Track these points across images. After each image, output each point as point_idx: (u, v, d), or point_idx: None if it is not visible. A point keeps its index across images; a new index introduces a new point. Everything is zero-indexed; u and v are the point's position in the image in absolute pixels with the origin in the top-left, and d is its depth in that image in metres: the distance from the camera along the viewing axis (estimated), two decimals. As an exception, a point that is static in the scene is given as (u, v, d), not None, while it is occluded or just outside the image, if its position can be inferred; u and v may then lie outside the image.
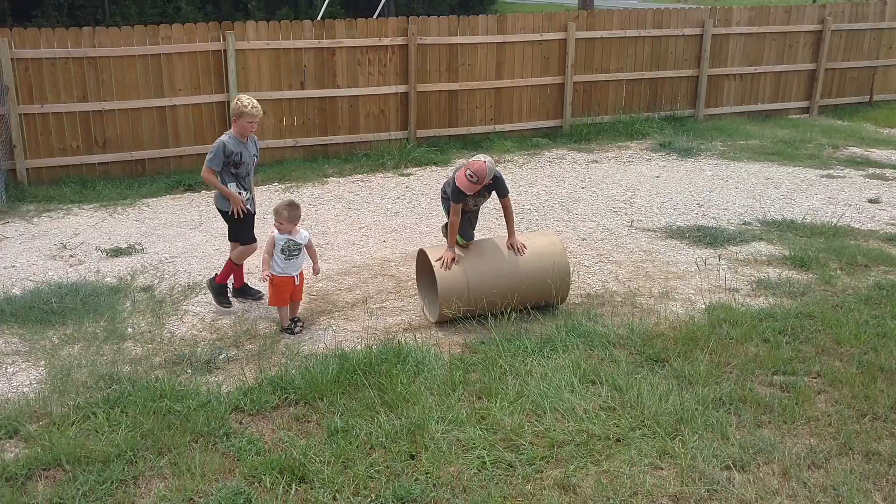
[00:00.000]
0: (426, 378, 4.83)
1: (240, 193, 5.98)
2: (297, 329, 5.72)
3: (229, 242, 6.29)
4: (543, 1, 53.27)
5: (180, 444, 4.20)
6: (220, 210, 6.12)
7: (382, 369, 4.90)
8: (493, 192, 5.92)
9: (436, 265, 5.69)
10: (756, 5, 13.29)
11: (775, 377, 4.90)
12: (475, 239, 6.14)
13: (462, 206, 5.87)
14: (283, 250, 5.62)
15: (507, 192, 5.95)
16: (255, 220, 6.28)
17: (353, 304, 6.28)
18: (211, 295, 6.18)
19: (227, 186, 5.95)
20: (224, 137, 5.94)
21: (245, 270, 6.38)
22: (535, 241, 6.02)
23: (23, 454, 4.15)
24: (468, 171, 5.64)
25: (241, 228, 6.11)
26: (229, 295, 6.21)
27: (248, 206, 6.06)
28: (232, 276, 6.24)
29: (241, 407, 4.60)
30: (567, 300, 6.09)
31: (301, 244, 5.69)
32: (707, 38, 12.74)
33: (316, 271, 5.92)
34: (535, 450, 4.14)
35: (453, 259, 5.72)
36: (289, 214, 5.61)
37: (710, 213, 8.49)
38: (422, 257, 6.10)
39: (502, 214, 6.07)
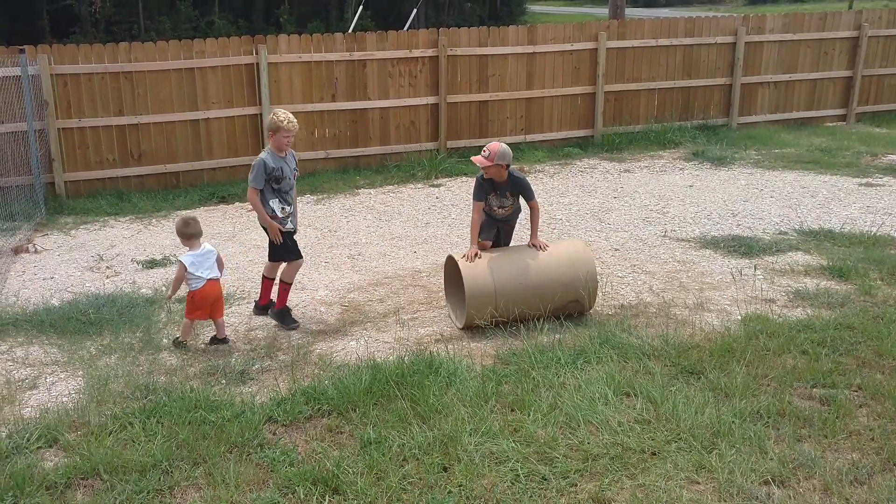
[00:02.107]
0: (458, 389, 4.81)
1: (283, 209, 5.94)
2: (213, 346, 5.67)
3: (268, 261, 6.23)
4: (574, 11, 53.24)
5: (215, 454, 4.23)
6: (265, 228, 6.07)
7: (415, 380, 4.88)
8: (521, 198, 6.10)
9: (462, 264, 5.76)
10: (790, 12, 13.12)
11: (815, 390, 4.80)
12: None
13: (486, 208, 6.08)
14: (193, 262, 5.57)
15: (534, 196, 6.14)
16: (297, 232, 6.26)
17: (385, 315, 6.28)
18: (278, 323, 6.09)
19: (269, 203, 5.90)
20: (263, 155, 5.91)
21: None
22: (561, 244, 6.14)
23: (62, 463, 4.21)
24: (483, 149, 5.94)
25: (285, 248, 6.06)
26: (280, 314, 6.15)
27: (288, 226, 5.99)
28: (260, 292, 6.30)
29: (274, 418, 4.61)
30: (600, 309, 6.05)
31: (212, 250, 5.66)
32: (740, 46, 12.62)
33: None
34: (570, 463, 4.09)
35: (476, 255, 5.83)
36: (185, 232, 5.60)
37: (745, 223, 8.38)
38: (449, 263, 6.15)
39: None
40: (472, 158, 5.97)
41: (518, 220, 6.41)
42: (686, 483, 3.93)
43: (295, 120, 5.90)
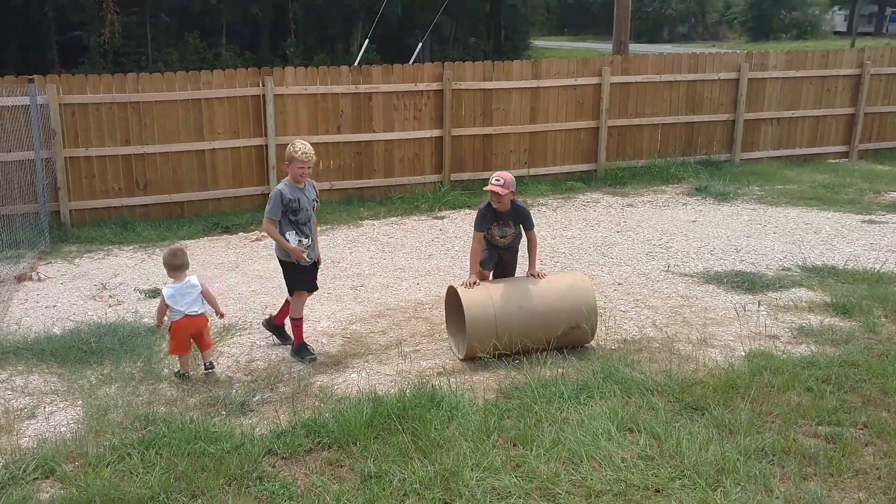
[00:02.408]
0: (460, 423, 4.77)
1: (300, 241, 5.88)
2: (203, 373, 5.61)
3: (289, 295, 6.14)
4: (577, 47, 53.79)
5: (213, 486, 4.18)
6: (280, 260, 6.04)
7: (416, 414, 4.85)
8: (521, 227, 6.19)
9: (462, 291, 5.80)
10: (793, 50, 13.24)
11: (820, 428, 4.76)
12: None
13: (488, 236, 6.15)
14: (172, 295, 5.54)
15: (534, 226, 6.20)
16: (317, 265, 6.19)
17: (387, 347, 6.26)
18: (297, 359, 6.02)
19: (286, 235, 5.86)
20: (280, 186, 5.89)
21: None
22: (559, 274, 6.32)
23: (58, 495, 4.16)
24: (492, 177, 5.99)
25: (300, 278, 6.02)
26: (283, 333, 6.26)
27: (308, 257, 5.95)
28: (276, 313, 6.35)
29: (274, 450, 4.57)
30: (603, 343, 6.03)
31: (195, 285, 5.58)
32: (743, 83, 12.71)
33: (220, 315, 5.83)
34: (572, 499, 4.04)
35: (474, 283, 5.89)
36: (171, 263, 5.57)
37: (748, 259, 8.37)
38: (450, 294, 6.17)
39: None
40: (491, 188, 5.93)
41: (518, 247, 6.45)
42: (690, 522, 3.88)
43: (310, 151, 5.86)
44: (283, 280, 6.11)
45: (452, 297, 6.14)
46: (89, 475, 4.26)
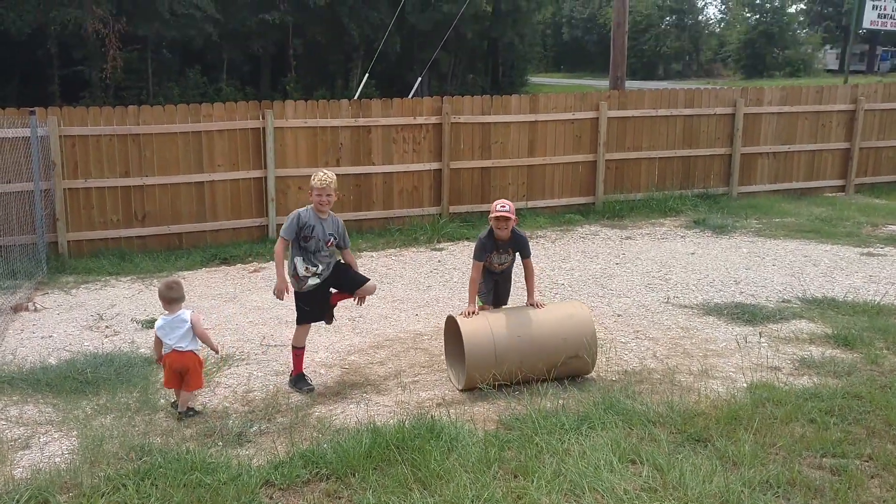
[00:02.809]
0: (460, 455, 4.71)
1: (307, 268, 5.82)
2: (191, 414, 5.45)
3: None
4: (574, 83, 54.38)
5: (209, 518, 4.11)
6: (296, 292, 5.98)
7: (415, 445, 4.78)
8: (518, 255, 6.20)
9: (461, 320, 5.79)
10: (787, 86, 13.39)
11: (824, 459, 4.70)
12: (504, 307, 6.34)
13: (487, 265, 6.14)
14: (162, 327, 5.44)
15: (530, 254, 6.20)
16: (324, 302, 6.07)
17: (386, 378, 6.20)
18: (295, 389, 5.95)
19: (294, 258, 5.84)
20: (302, 209, 5.90)
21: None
22: (559, 305, 6.24)
23: (51, 526, 4.08)
24: (496, 204, 6.00)
25: (307, 310, 5.98)
26: (304, 382, 6.00)
27: (309, 284, 5.86)
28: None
29: (271, 481, 4.50)
30: (603, 374, 6.00)
31: (185, 320, 5.43)
32: (739, 117, 12.82)
33: (215, 350, 5.75)
34: (575, 532, 3.97)
35: (473, 312, 5.90)
36: (167, 296, 5.45)
37: (747, 291, 8.35)
38: (449, 324, 6.14)
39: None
40: (498, 213, 5.91)
41: (513, 271, 6.45)
42: (695, 555, 3.81)
43: (327, 179, 5.79)
44: (283, 311, 6.08)
45: (452, 327, 6.12)
46: (83, 506, 4.18)
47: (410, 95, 14.01)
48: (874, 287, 8.42)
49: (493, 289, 6.33)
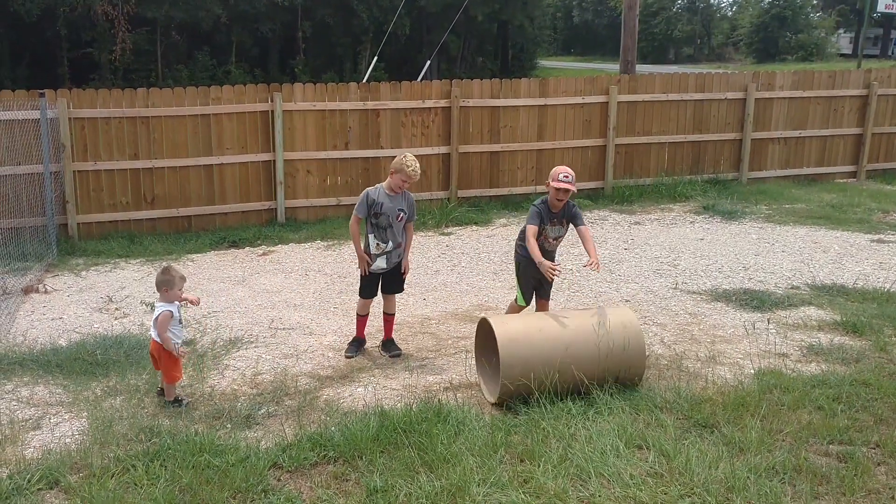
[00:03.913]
0: (467, 438, 4.73)
1: (377, 245, 6.09)
2: (186, 402, 5.42)
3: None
4: (584, 67, 54.06)
5: (218, 499, 4.14)
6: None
7: (423, 428, 4.81)
8: (571, 226, 6.01)
9: (498, 329, 5.25)
10: (800, 70, 13.26)
11: (831, 446, 4.70)
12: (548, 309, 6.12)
13: (541, 238, 5.92)
14: (180, 320, 5.42)
15: (584, 222, 6.01)
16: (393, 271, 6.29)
17: (393, 362, 6.23)
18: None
19: (367, 236, 6.12)
20: (371, 187, 6.16)
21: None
22: (606, 309, 5.59)
23: (62, 506, 4.13)
24: (559, 174, 5.78)
25: (363, 283, 6.31)
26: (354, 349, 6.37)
27: (377, 264, 6.14)
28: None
29: (279, 463, 4.54)
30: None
31: (156, 311, 5.38)
32: (750, 103, 12.72)
33: (172, 352, 5.53)
34: (580, 516, 3.99)
35: (553, 268, 5.67)
36: (181, 279, 5.37)
37: (756, 277, 8.33)
38: (483, 327, 5.61)
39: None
40: (560, 185, 5.76)
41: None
42: (700, 540, 3.82)
43: (416, 167, 6.03)
44: (291, 295, 6.15)
45: (485, 330, 5.56)
46: (94, 486, 4.23)
47: (419, 79, 13.96)
48: (884, 274, 8.38)
49: (532, 280, 6.03)
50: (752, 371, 5.82)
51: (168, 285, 5.31)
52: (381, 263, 6.17)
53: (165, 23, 29.20)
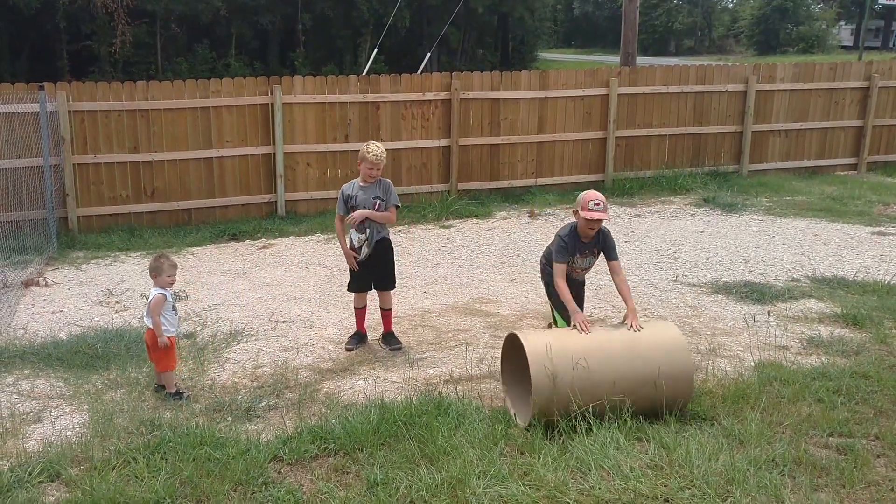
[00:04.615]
0: (467, 431, 4.73)
1: (359, 238, 6.10)
2: (186, 395, 5.41)
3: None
4: (584, 59, 53.93)
5: (219, 492, 4.15)
6: None
7: (423, 421, 4.81)
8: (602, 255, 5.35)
9: (531, 351, 4.71)
10: (801, 62, 13.23)
11: (831, 439, 4.71)
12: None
13: (568, 269, 5.27)
14: (173, 307, 5.43)
15: (618, 255, 5.32)
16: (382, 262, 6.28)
17: (394, 355, 6.23)
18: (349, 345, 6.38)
19: (350, 232, 6.15)
20: (346, 184, 6.22)
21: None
22: (652, 327, 5.06)
23: (64, 498, 4.14)
24: (589, 201, 5.07)
25: (351, 279, 6.36)
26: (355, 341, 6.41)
27: (365, 251, 6.14)
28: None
29: (280, 456, 4.55)
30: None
31: (149, 296, 5.40)
32: (751, 95, 12.69)
33: (160, 336, 5.42)
34: (580, 508, 4.00)
35: (585, 321, 4.89)
36: (171, 266, 5.38)
37: (757, 269, 8.33)
38: (512, 343, 5.11)
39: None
40: (592, 215, 5.03)
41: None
42: (700, 532, 3.83)
43: (381, 154, 5.99)
44: (292, 288, 6.16)
45: (513, 346, 5.06)
46: (95, 479, 4.24)
47: (419, 71, 13.93)
48: (884, 266, 8.37)
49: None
50: (752, 363, 5.82)
51: (157, 272, 5.36)
52: (365, 251, 6.17)
53: (165, 15, 29.15)
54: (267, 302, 7.53)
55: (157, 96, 10.11)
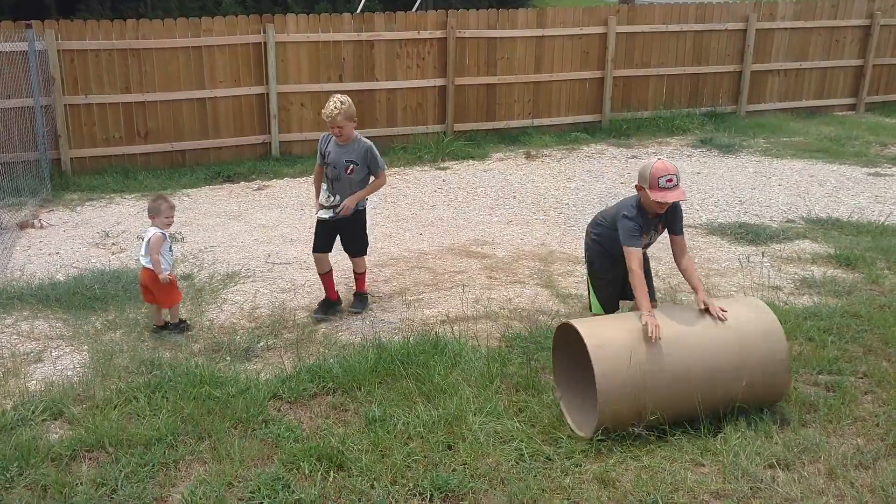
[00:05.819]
0: (463, 370, 4.81)
1: (327, 197, 5.70)
2: (182, 328, 5.53)
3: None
4: (582, -4, 52.84)
5: (220, 429, 4.23)
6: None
7: (420, 360, 4.88)
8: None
9: (597, 365, 3.99)
10: (801, 0, 13.03)
11: (820, 376, 4.80)
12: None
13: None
14: (170, 247, 5.53)
15: (683, 229, 4.59)
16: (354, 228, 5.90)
17: (391, 296, 6.28)
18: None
19: (323, 186, 5.78)
20: (325, 133, 5.82)
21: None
22: (740, 312, 4.32)
23: (67, 436, 4.22)
24: (660, 177, 4.26)
25: (315, 233, 5.89)
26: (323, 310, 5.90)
27: (320, 214, 5.71)
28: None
29: (279, 395, 4.62)
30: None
31: (147, 235, 5.49)
32: (751, 33, 12.52)
33: (161, 278, 5.39)
34: (574, 444, 4.10)
35: (658, 326, 4.11)
36: (169, 207, 5.48)
37: (752, 211, 8.34)
38: (568, 335, 4.38)
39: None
40: (668, 196, 4.28)
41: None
42: (691, 465, 3.94)
43: (329, 109, 5.55)
44: (287, 230, 6.09)
45: (567, 339, 4.42)
46: (97, 417, 4.31)
47: (414, 9, 13.68)
48: (879, 207, 8.40)
49: (613, 281, 4.82)
50: (745, 303, 5.88)
51: (156, 212, 5.44)
52: (323, 215, 5.72)
53: (153, -50, 28.34)
54: (263, 243, 7.54)
55: (148, 35, 9.92)
